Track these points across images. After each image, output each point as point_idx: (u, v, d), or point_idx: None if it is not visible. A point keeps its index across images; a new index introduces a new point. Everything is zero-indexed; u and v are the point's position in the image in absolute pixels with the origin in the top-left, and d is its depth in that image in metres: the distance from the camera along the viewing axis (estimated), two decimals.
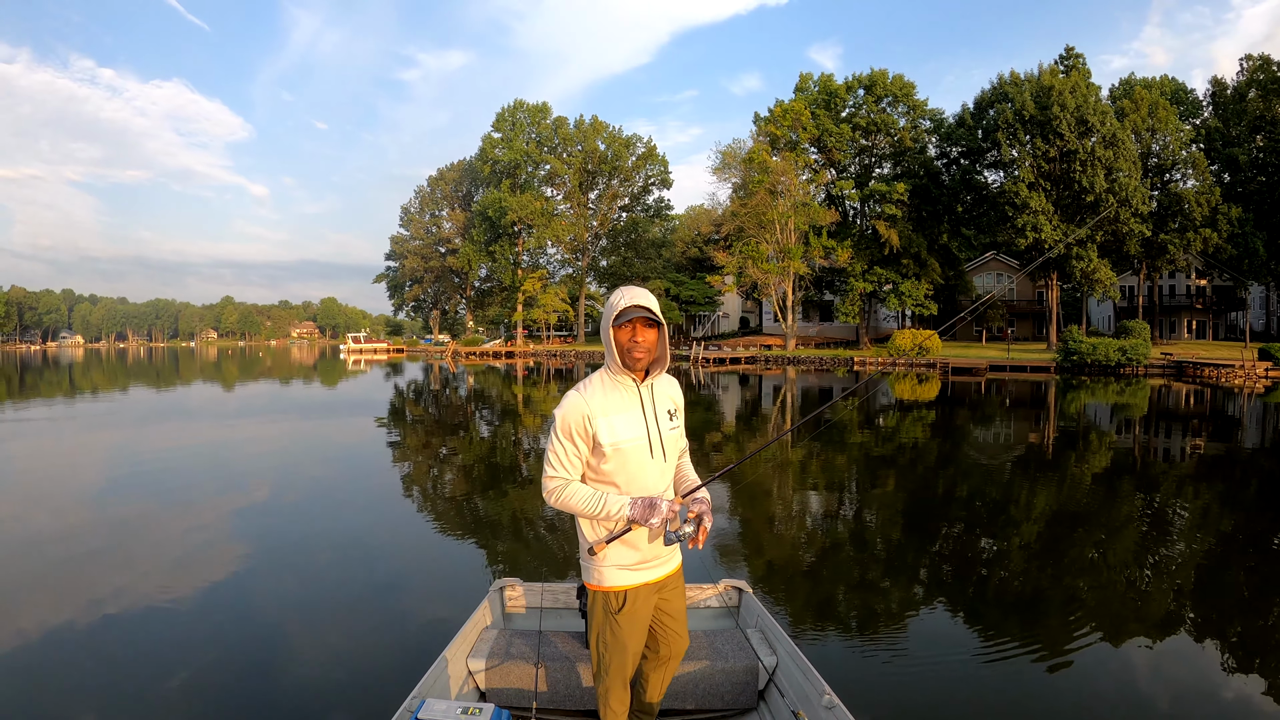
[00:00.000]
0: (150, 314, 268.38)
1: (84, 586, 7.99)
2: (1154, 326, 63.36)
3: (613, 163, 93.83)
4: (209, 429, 23.08)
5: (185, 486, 13.48)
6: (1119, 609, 7.42)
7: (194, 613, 7.26)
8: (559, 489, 3.35)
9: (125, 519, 11.14)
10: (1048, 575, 8.52)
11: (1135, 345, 46.69)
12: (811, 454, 17.60)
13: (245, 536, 10.13)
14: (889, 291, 69.41)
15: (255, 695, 5.62)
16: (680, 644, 3.77)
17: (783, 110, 70.53)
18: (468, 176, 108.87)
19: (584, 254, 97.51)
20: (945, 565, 9.13)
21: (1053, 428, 22.72)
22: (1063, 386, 38.63)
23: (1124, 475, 15.11)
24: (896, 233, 65.81)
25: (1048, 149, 55.90)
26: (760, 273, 69.18)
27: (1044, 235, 55.95)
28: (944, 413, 27.49)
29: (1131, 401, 30.99)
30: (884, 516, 11.69)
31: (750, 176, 70.53)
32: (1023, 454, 18.04)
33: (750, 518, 11.56)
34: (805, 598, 7.84)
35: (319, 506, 12.25)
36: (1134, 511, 11.95)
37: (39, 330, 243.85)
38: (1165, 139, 60.61)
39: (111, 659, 6.24)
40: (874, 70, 70.11)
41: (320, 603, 7.61)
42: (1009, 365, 50.68)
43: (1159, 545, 9.96)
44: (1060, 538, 10.14)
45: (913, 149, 69.51)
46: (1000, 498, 13.07)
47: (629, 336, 3.32)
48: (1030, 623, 7.11)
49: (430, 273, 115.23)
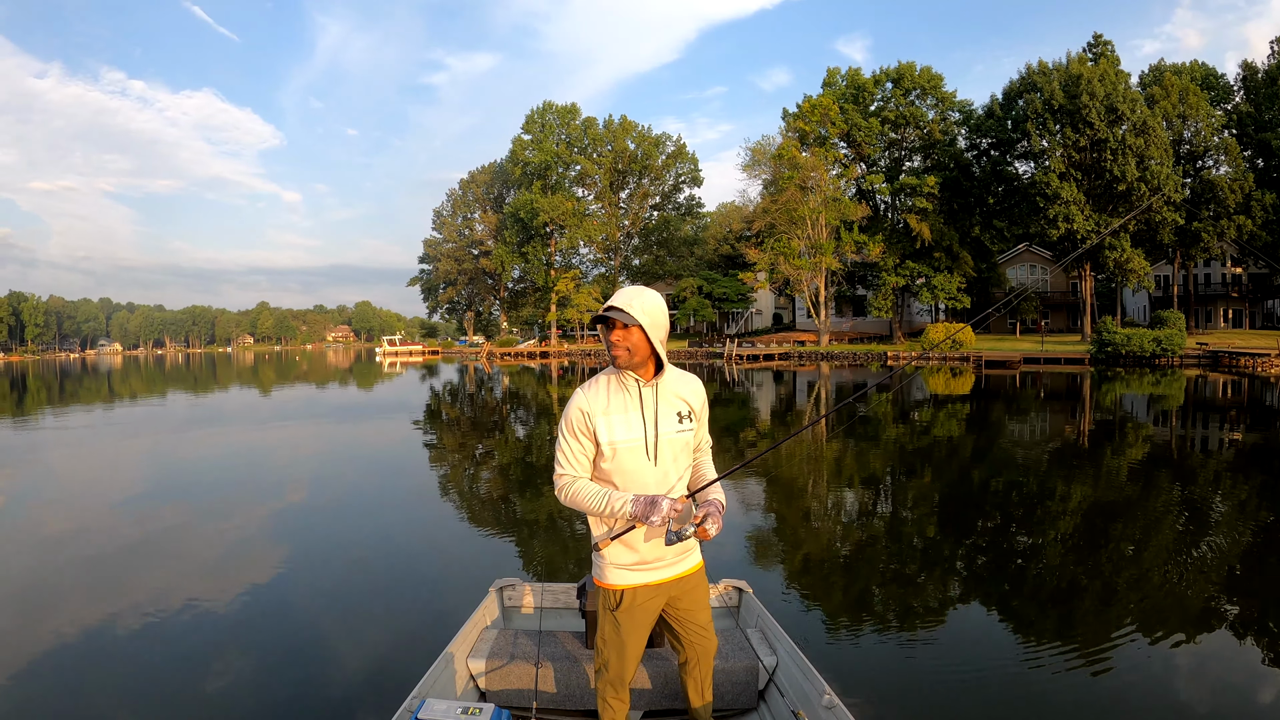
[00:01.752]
0: (187, 321, 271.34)
1: (82, 586, 8.26)
2: (1189, 316, 62.91)
3: (643, 162, 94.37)
4: (240, 433, 23.61)
5: (200, 493, 13.75)
6: (1129, 605, 7.35)
7: (193, 612, 7.34)
8: (567, 485, 3.41)
9: (134, 525, 11.34)
10: (1058, 572, 8.54)
11: (1170, 335, 46.53)
12: (834, 449, 17.86)
13: (246, 537, 10.36)
14: (921, 285, 69.42)
15: (255, 695, 5.70)
16: (704, 644, 3.74)
17: (811, 106, 70.76)
18: (499, 179, 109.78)
19: (616, 253, 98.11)
20: (948, 565, 9.04)
21: (1088, 420, 22.84)
22: (1097, 378, 38.59)
23: (1160, 468, 14.94)
24: (928, 226, 65.79)
25: (1078, 138, 55.58)
26: (792, 269, 69.47)
27: (1076, 226, 55.80)
28: (977, 406, 27.69)
29: (1167, 393, 30.93)
30: (894, 514, 11.79)
31: (780, 173, 70.83)
32: (1056, 448, 18.02)
33: (756, 515, 11.60)
34: (805, 597, 7.82)
35: (324, 506, 12.49)
36: (1166, 506, 11.86)
37: (77, 339, 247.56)
38: (1196, 125, 59.94)
39: (110, 656, 6.38)
40: (901, 63, 70.25)
41: (320, 602, 7.66)
42: (1043, 357, 50.73)
43: (1189, 541, 9.74)
44: (1079, 533, 10.07)
45: (942, 141, 69.47)
46: (1016, 494, 13.05)
47: (610, 336, 3.37)
48: (1031, 623, 7.11)
49: (464, 275, 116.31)
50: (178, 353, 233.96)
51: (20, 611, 7.63)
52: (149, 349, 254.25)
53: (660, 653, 4.46)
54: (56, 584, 8.50)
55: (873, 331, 79.90)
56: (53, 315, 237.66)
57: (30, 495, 14.19)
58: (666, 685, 4.33)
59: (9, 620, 7.37)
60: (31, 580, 8.70)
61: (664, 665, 4.36)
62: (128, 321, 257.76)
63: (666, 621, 3.70)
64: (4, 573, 9.03)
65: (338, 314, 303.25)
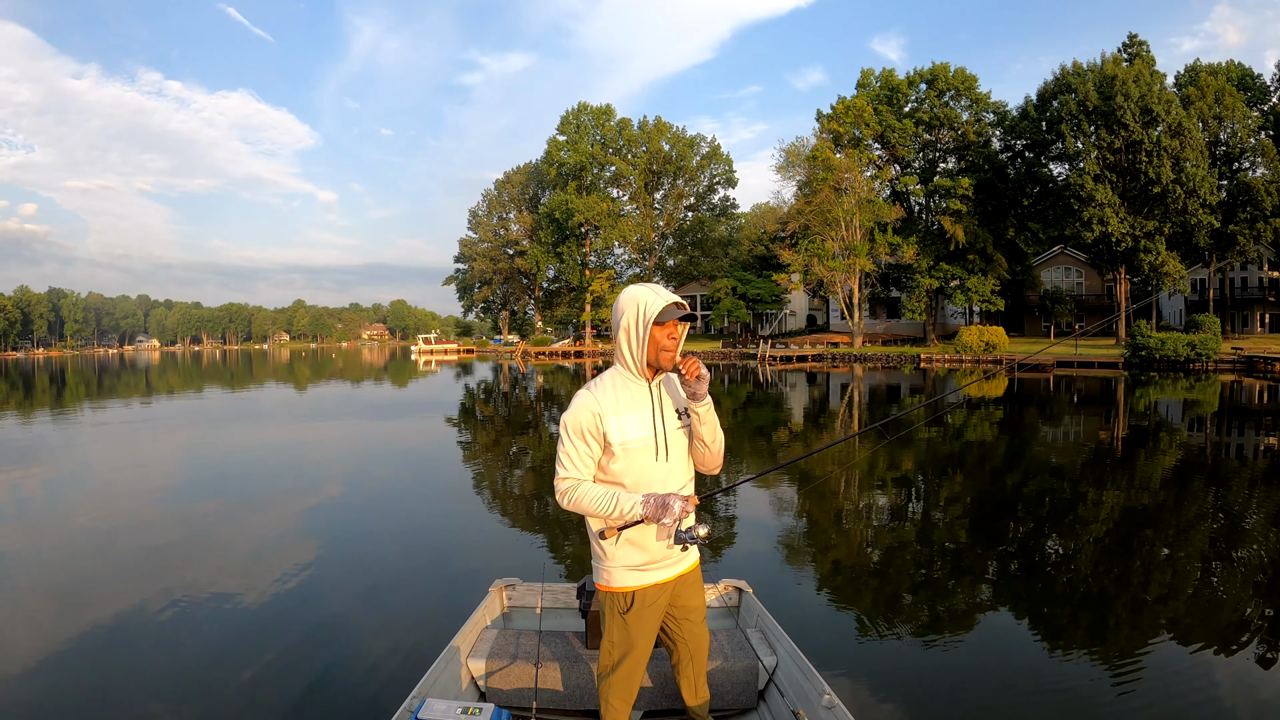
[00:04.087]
0: (224, 318, 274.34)
1: (80, 586, 8.41)
2: (1225, 320, 62.50)
3: (677, 163, 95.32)
4: (267, 431, 24.15)
5: (213, 490, 14.04)
6: (1127, 612, 7.39)
7: (193, 612, 7.42)
8: (571, 489, 3.36)
9: (138, 521, 11.61)
10: (1060, 572, 8.70)
11: (1204, 340, 46.35)
12: (845, 452, 18.13)
13: (247, 537, 10.47)
14: (955, 287, 69.38)
15: (255, 695, 5.72)
16: (700, 640, 3.78)
17: (845, 107, 71.13)
18: (534, 179, 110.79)
19: (651, 254, 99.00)
20: (948, 565, 9.06)
21: (1123, 424, 22.96)
22: (1131, 383, 38.60)
23: (1194, 475, 14.88)
24: (962, 228, 65.85)
25: (1112, 140, 55.23)
26: (826, 270, 69.79)
27: (1111, 228, 55.60)
28: (1011, 410, 27.63)
29: (1201, 398, 30.82)
30: (893, 514, 11.86)
31: (814, 174, 71.22)
32: (1086, 454, 17.85)
33: (757, 515, 11.75)
34: (805, 597, 7.87)
35: (330, 505, 12.54)
36: (1199, 515, 11.78)
37: (116, 334, 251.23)
38: (1232, 126, 59.41)
39: (109, 653, 6.50)
40: (935, 64, 70.52)
41: (321, 601, 7.71)
42: (1076, 361, 50.75)
43: (1223, 550, 9.72)
44: (1088, 537, 10.12)
45: (977, 143, 69.49)
46: (1018, 495, 13.20)
47: (667, 335, 3.35)
48: (1032, 623, 7.18)
49: (499, 274, 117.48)
50: (214, 349, 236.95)
51: (55, 597, 8.00)
52: (186, 345, 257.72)
53: (659, 653, 4.35)
54: (75, 572, 8.93)
55: (906, 334, 79.90)
56: (91, 311, 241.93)
57: (69, 488, 14.72)
58: (666, 685, 4.37)
59: (45, 605, 7.76)
60: (63, 569, 9.06)
61: (664, 665, 4.36)
62: (165, 318, 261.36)
63: (663, 620, 3.72)
64: (42, 561, 9.48)
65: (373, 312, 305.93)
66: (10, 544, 10.30)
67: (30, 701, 5.69)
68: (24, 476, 15.85)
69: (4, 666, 6.24)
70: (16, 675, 6.09)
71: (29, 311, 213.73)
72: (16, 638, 6.92)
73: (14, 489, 14.39)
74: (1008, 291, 69.54)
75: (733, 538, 10.21)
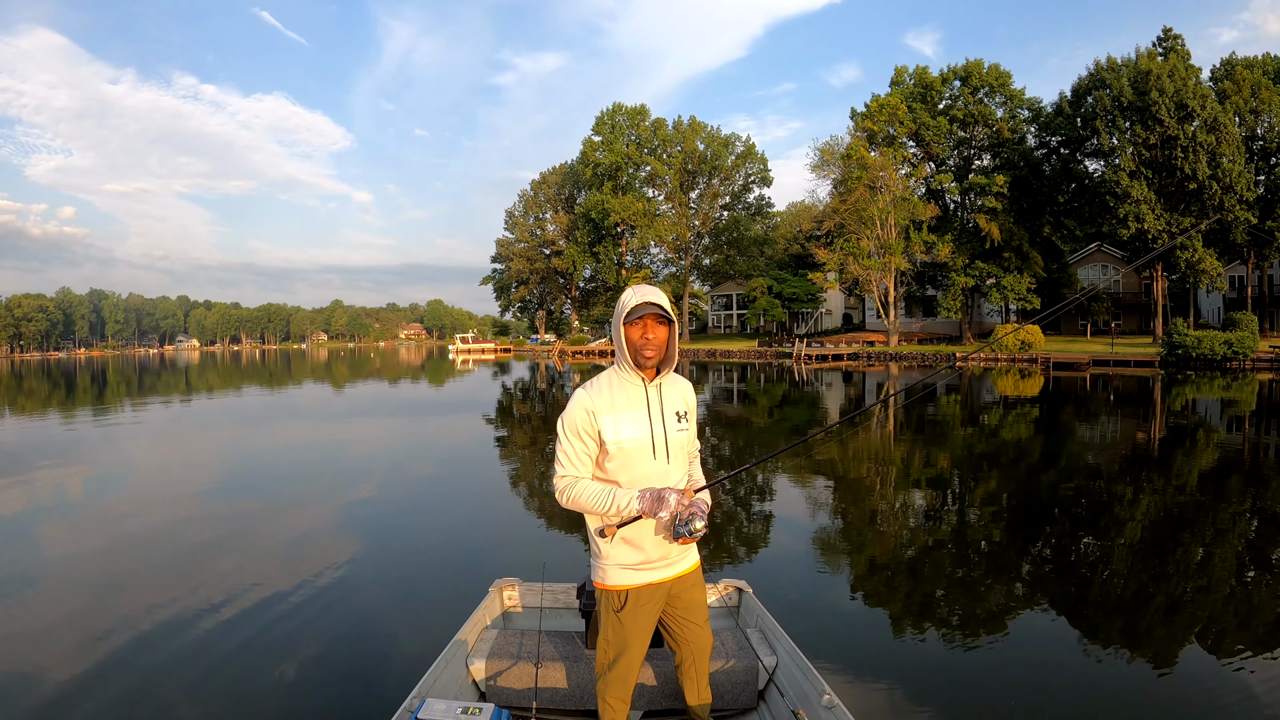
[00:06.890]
0: (262, 318, 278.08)
1: (79, 585, 8.49)
2: (1263, 318, 62.02)
3: (712, 162, 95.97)
4: (301, 429, 24.45)
5: (227, 492, 14.17)
6: (1132, 615, 7.34)
7: (191, 612, 7.41)
8: (568, 487, 3.40)
9: (147, 519, 11.83)
10: (1063, 574, 8.72)
11: (1242, 338, 46.04)
12: (853, 447, 18.16)
13: (249, 536, 10.54)
14: (991, 286, 69.45)
15: (254, 694, 5.72)
16: (700, 642, 3.78)
17: (879, 105, 71.43)
18: (569, 179, 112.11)
19: (687, 253, 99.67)
20: (949, 566, 9.03)
21: (1159, 424, 23.03)
22: (1167, 382, 38.44)
23: (1230, 476, 14.64)
24: (997, 226, 66.00)
25: (1148, 136, 55.00)
26: (861, 269, 70.18)
27: (1147, 225, 55.54)
28: (1045, 409, 27.38)
29: (1238, 397, 30.56)
30: (895, 514, 11.83)
31: (849, 173, 71.66)
32: (1117, 455, 17.59)
33: (757, 514, 11.85)
34: (805, 597, 7.85)
35: (336, 507, 12.52)
36: (1235, 516, 11.55)
37: (156, 335, 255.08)
38: (1270, 120, 58.91)
39: (109, 650, 6.52)
40: (969, 61, 70.43)
41: (321, 601, 7.70)
42: (1112, 360, 50.78)
43: (1259, 554, 9.56)
44: (1089, 537, 10.16)
45: (1011, 140, 69.45)
46: (1021, 498, 13.11)
47: (640, 334, 3.38)
48: (1032, 623, 7.18)
49: (535, 274, 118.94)
50: (253, 349, 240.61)
51: (93, 592, 8.19)
52: (225, 345, 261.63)
53: (660, 652, 4.38)
54: (103, 567, 9.17)
55: (942, 332, 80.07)
56: (132, 312, 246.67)
57: (109, 485, 15.02)
58: (666, 685, 4.36)
59: (83, 601, 7.90)
60: (100, 564, 9.31)
61: (664, 665, 4.36)
62: (205, 318, 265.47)
63: (663, 620, 3.74)
64: (81, 556, 9.70)
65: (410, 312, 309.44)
66: (52, 541, 10.59)
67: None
68: (66, 475, 16.11)
69: (36, 660, 6.42)
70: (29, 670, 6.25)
71: (70, 312, 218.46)
72: (46, 632, 7.12)
73: (57, 488, 14.69)
74: (1044, 289, 69.27)
75: (733, 538, 10.28)
